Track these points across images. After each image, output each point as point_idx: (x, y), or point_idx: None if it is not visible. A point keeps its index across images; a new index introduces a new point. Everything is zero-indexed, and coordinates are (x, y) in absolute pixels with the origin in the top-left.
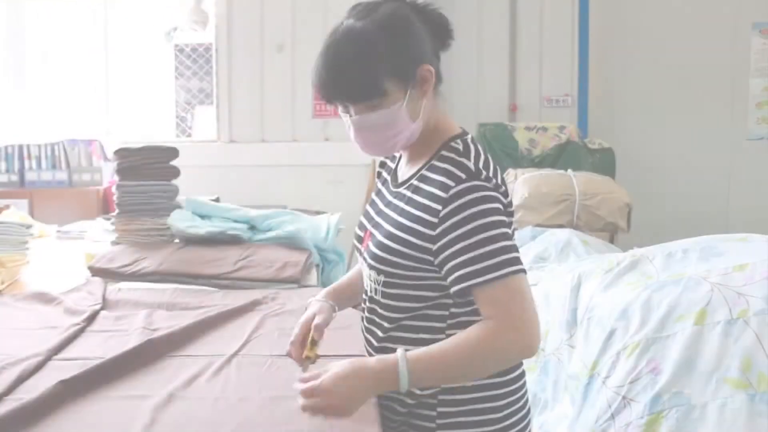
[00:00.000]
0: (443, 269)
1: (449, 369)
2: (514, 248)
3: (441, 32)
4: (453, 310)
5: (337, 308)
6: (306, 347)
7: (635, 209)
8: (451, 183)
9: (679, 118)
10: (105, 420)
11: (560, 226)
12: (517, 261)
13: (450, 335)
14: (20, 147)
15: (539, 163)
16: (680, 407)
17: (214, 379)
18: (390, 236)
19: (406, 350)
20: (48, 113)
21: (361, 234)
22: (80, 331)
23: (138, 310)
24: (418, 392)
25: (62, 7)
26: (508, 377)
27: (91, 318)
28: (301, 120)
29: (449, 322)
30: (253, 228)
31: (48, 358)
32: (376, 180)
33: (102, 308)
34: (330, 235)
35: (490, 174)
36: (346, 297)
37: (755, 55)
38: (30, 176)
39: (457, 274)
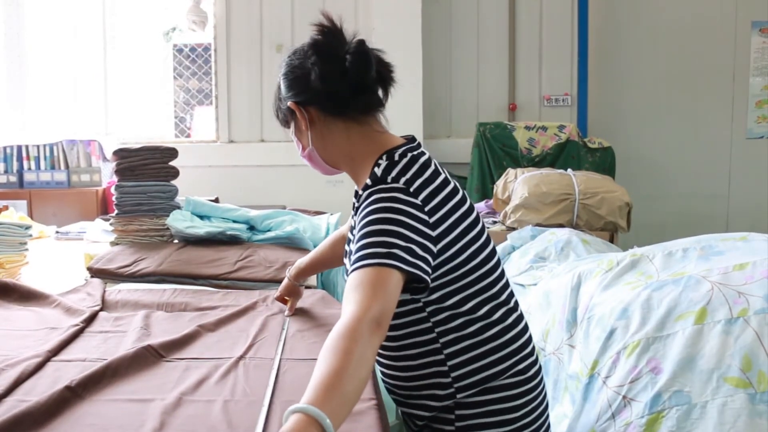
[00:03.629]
0: None
1: (339, 389)
2: (401, 244)
3: (355, 74)
4: (429, 309)
5: (302, 284)
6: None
7: (635, 208)
8: (361, 193)
9: (678, 116)
10: (114, 423)
11: (560, 225)
12: (394, 256)
13: (438, 330)
14: (19, 148)
15: (539, 162)
16: (681, 407)
17: (222, 381)
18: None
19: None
20: (47, 114)
21: (346, 260)
22: (79, 332)
23: (137, 310)
24: (435, 404)
25: (61, 8)
26: (524, 377)
27: (91, 319)
28: None
29: (433, 320)
30: (252, 228)
31: (47, 359)
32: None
33: (101, 309)
34: (329, 235)
35: (403, 178)
36: (314, 270)
37: (755, 53)
38: (29, 177)
39: (353, 256)
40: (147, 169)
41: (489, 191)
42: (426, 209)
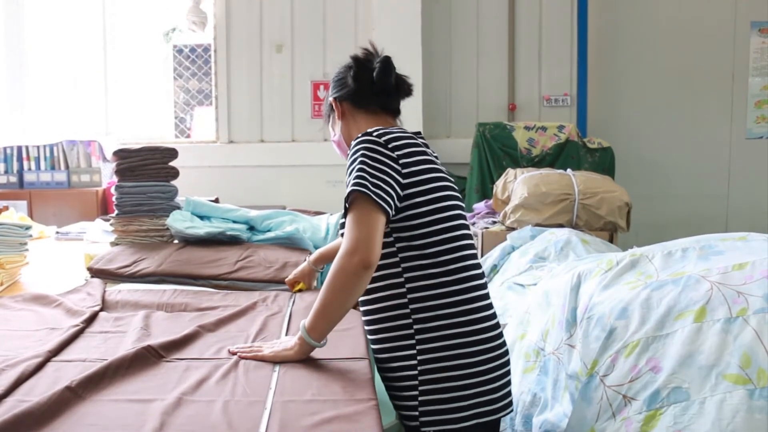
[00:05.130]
0: None
1: (326, 312)
2: (372, 177)
3: (378, 77)
4: (398, 245)
5: (320, 270)
6: (298, 285)
7: (634, 208)
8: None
9: (678, 117)
10: (114, 423)
11: (560, 225)
12: (364, 185)
13: (404, 266)
14: (19, 148)
15: (538, 162)
16: (679, 403)
17: (222, 382)
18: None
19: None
20: (47, 114)
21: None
22: (80, 332)
23: (137, 311)
24: (396, 334)
25: (61, 8)
26: (479, 326)
27: (91, 319)
28: (300, 120)
29: (401, 255)
30: (252, 228)
31: (47, 359)
32: None
33: (101, 309)
34: (329, 235)
35: (384, 136)
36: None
37: (754, 54)
38: (29, 177)
39: None
40: (147, 170)
41: (489, 191)
42: (400, 162)
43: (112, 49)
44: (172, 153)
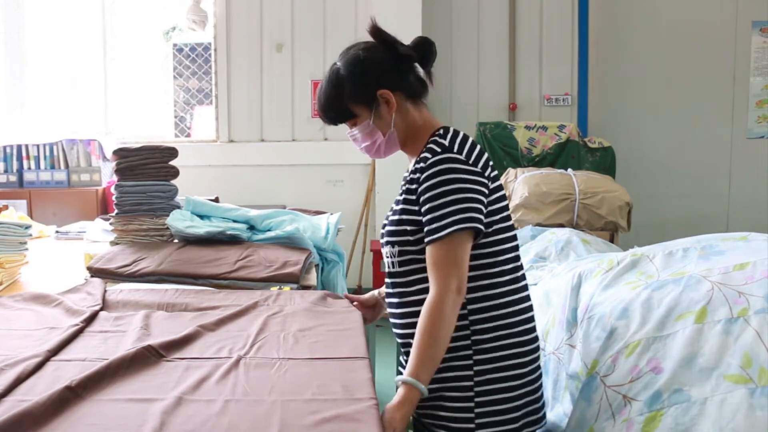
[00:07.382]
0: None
1: (430, 355)
2: (470, 206)
3: (422, 55)
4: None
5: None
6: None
7: (635, 208)
8: (429, 156)
9: (679, 116)
10: (114, 423)
11: (560, 225)
12: (465, 219)
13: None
14: (19, 147)
15: (539, 162)
16: (680, 404)
17: (223, 381)
18: (396, 212)
19: (400, 375)
20: (47, 113)
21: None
22: (79, 332)
23: (137, 310)
24: (452, 344)
25: (61, 7)
26: (528, 337)
27: (91, 318)
28: (300, 120)
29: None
30: (252, 228)
31: (47, 359)
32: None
33: (101, 309)
34: (329, 234)
35: (465, 151)
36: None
37: (755, 53)
38: (29, 176)
39: (425, 229)
40: (147, 169)
41: None
42: (489, 187)
43: (112, 49)
44: (172, 152)
